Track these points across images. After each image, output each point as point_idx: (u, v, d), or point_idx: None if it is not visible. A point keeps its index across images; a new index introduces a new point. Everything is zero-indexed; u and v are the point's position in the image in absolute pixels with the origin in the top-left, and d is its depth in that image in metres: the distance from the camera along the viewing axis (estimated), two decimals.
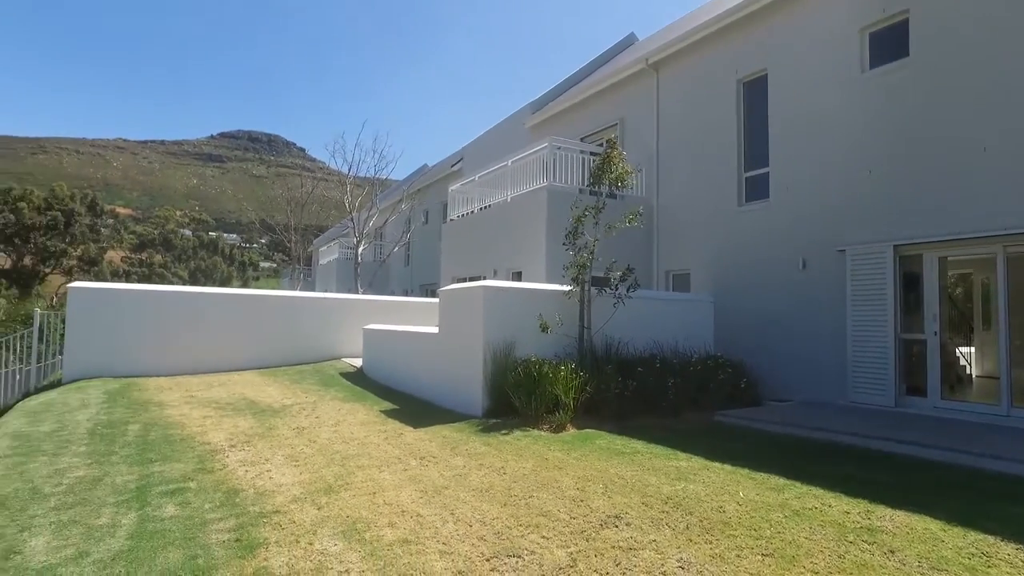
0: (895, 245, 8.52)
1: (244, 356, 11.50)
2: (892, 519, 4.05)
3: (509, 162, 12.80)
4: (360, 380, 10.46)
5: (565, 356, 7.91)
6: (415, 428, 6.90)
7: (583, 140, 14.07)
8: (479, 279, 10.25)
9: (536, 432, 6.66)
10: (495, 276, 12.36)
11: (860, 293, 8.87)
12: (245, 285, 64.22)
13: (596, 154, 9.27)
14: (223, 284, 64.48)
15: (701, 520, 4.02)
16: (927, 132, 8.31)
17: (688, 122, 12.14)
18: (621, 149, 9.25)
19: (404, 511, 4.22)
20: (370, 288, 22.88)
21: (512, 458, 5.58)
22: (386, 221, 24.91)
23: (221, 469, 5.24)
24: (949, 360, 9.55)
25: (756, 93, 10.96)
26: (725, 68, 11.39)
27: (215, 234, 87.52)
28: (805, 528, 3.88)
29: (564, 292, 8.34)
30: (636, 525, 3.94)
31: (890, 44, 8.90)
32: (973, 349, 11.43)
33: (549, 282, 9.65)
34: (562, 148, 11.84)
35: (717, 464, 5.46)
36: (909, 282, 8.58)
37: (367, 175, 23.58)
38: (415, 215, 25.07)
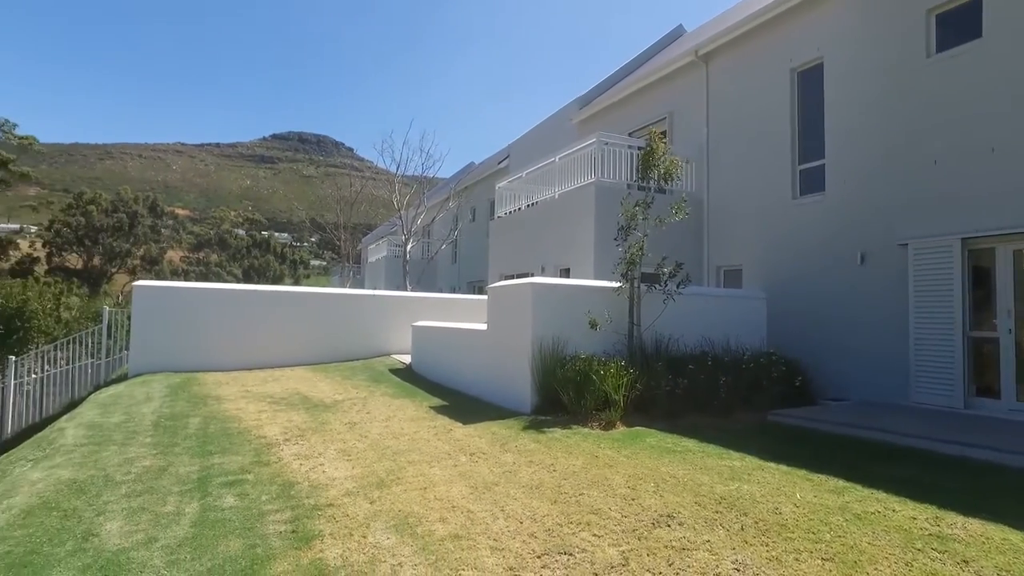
0: (963, 238, 8.09)
1: (296, 352, 11.79)
2: (965, 527, 3.84)
3: (557, 158, 12.75)
4: (409, 376, 10.60)
5: (614, 353, 7.83)
6: (464, 424, 6.95)
7: (631, 135, 13.86)
8: (527, 276, 10.25)
9: (585, 429, 6.61)
10: (543, 273, 12.34)
11: (924, 288, 8.47)
12: (296, 283, 65.98)
13: (643, 149, 9.12)
14: (275, 282, 66.37)
15: (756, 521, 3.92)
16: (1000, 118, 7.86)
17: (739, 114, 11.83)
18: (667, 143, 9.08)
19: (455, 506, 4.25)
20: (418, 285, 23.16)
21: (562, 455, 5.55)
22: (433, 219, 25.16)
23: (276, 462, 5.39)
24: None
25: (811, 82, 10.58)
26: (778, 58, 11.04)
27: (267, 233, 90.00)
28: (868, 533, 3.73)
29: (613, 288, 8.25)
30: (689, 525, 3.86)
31: (960, 25, 8.42)
32: None
33: (597, 278, 9.58)
34: (610, 143, 11.72)
35: (772, 464, 5.30)
36: (978, 277, 8.14)
37: (415, 173, 23.86)
38: (462, 213, 25.25)
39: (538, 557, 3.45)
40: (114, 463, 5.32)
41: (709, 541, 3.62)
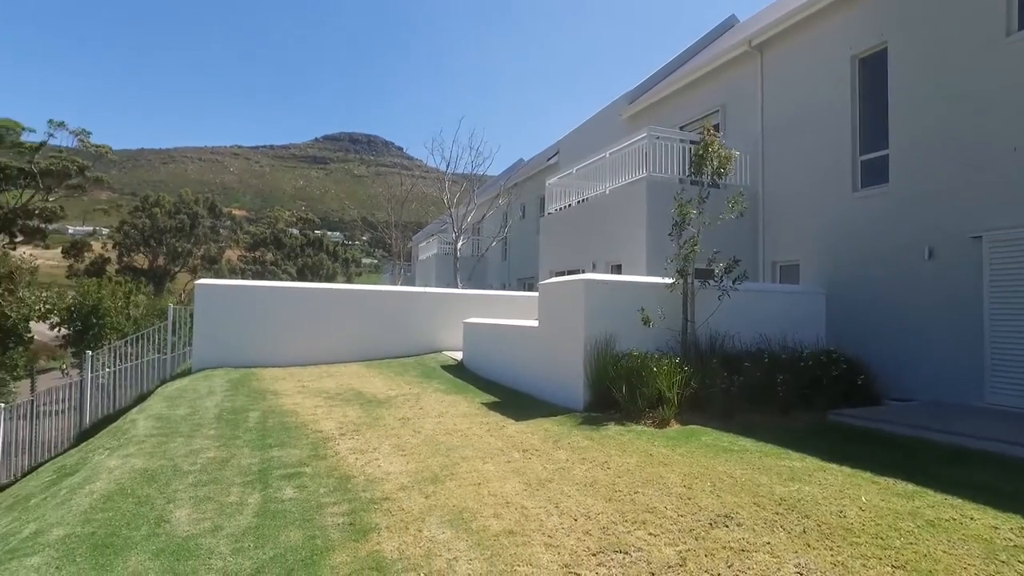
0: None
1: (350, 348, 12.04)
2: None
3: (607, 154, 12.62)
4: (460, 372, 10.70)
5: (667, 350, 7.70)
6: (516, 421, 6.96)
7: (682, 129, 13.60)
8: (577, 272, 10.17)
9: (639, 427, 6.52)
10: (594, 269, 12.24)
11: (1001, 284, 8.00)
12: (349, 281, 67.45)
13: (696, 143, 8.92)
14: (328, 280, 68.07)
15: (819, 524, 3.78)
16: None
17: (795, 105, 11.44)
18: (721, 136, 8.85)
19: (509, 502, 4.26)
20: (469, 282, 23.31)
21: (615, 453, 5.49)
22: (483, 216, 25.26)
23: (333, 456, 5.52)
24: None
25: (873, 69, 10.13)
26: (837, 45, 10.61)
27: (320, 232, 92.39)
28: (943, 541, 3.54)
29: (666, 285, 8.11)
30: (748, 526, 3.76)
31: None
32: None
33: (649, 274, 9.43)
34: (661, 138, 11.51)
35: (834, 465, 5.10)
36: None
37: (464, 171, 23.99)
38: (512, 210, 25.28)
39: (593, 555, 3.43)
40: (181, 453, 5.56)
41: (769, 543, 3.52)
